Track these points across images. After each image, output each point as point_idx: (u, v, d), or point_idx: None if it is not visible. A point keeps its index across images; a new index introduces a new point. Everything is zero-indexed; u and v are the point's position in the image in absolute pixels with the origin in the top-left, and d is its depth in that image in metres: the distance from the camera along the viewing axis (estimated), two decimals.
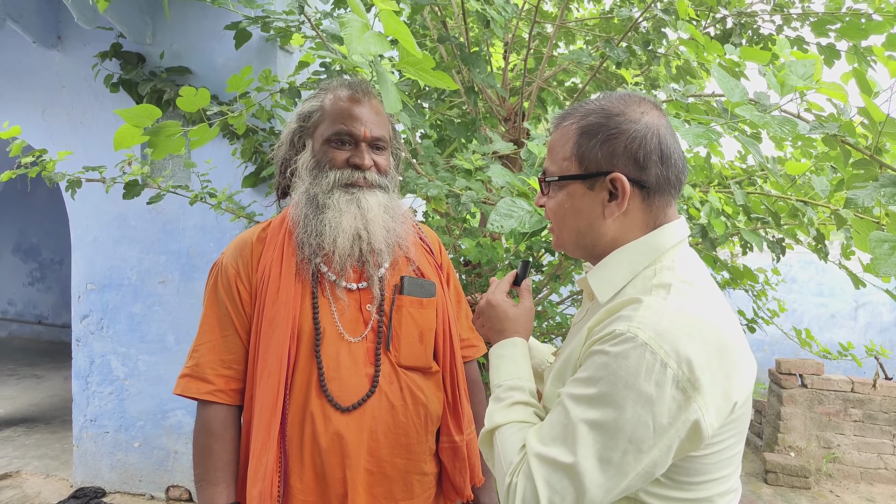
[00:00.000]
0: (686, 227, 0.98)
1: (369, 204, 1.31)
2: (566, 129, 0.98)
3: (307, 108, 1.36)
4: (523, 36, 3.18)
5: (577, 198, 0.96)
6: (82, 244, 3.51)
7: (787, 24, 2.79)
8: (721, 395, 0.83)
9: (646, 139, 0.92)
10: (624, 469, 0.81)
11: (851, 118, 1.43)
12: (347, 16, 1.01)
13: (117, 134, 1.59)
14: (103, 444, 3.54)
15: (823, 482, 4.68)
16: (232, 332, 1.32)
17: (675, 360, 0.80)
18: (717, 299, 0.91)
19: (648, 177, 0.93)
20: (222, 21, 2.96)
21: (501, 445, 0.95)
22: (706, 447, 0.86)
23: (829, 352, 3.16)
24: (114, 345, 3.48)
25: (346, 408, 1.27)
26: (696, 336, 0.82)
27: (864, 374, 5.72)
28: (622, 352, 0.82)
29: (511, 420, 0.98)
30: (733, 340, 0.86)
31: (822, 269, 7.12)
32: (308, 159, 1.34)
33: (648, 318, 0.83)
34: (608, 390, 0.82)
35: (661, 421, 0.80)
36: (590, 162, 0.94)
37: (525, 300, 1.17)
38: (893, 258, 1.06)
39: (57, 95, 3.46)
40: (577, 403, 0.84)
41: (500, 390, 1.04)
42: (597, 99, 0.98)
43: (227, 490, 1.28)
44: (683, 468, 0.87)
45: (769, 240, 2.32)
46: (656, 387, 0.80)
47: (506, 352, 1.09)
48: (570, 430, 0.84)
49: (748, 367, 0.89)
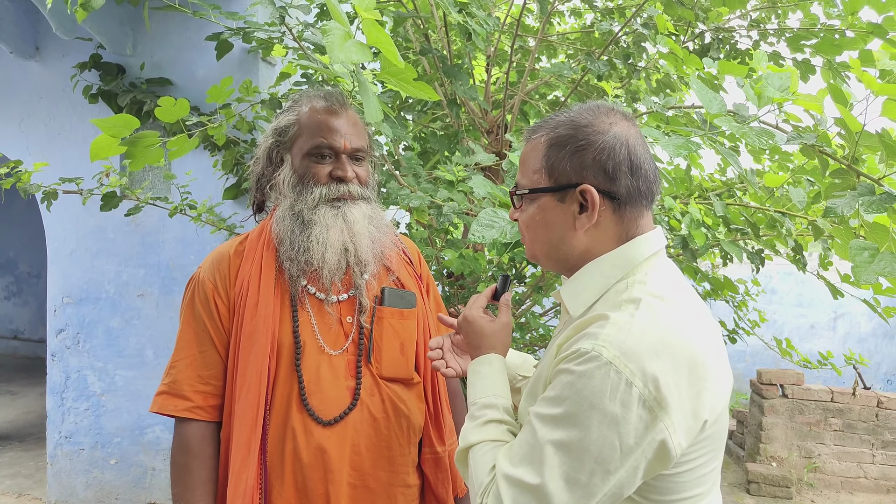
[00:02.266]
0: (662, 238, 0.97)
1: (355, 217, 1.30)
2: (536, 142, 0.98)
3: (283, 123, 1.33)
4: (505, 49, 3.20)
5: (548, 210, 0.96)
6: (59, 257, 3.45)
7: (764, 40, 2.84)
8: (690, 413, 0.82)
9: (614, 150, 0.91)
10: (591, 490, 0.81)
11: (829, 129, 1.45)
12: (330, 24, 1.01)
13: (94, 144, 1.57)
14: (78, 462, 3.46)
15: (805, 492, 4.70)
16: (210, 348, 1.30)
17: (640, 378, 0.79)
18: (692, 312, 0.90)
19: (618, 188, 0.92)
20: (204, 32, 2.95)
21: (474, 465, 0.95)
22: (678, 465, 0.85)
23: (810, 361, 3.19)
24: (90, 359, 3.42)
25: (328, 421, 1.25)
26: (663, 353, 0.81)
27: (844, 384, 5.78)
28: (586, 371, 0.81)
29: (483, 439, 0.97)
30: (705, 356, 0.85)
31: (801, 280, 7.22)
32: (289, 175, 1.32)
33: (614, 335, 0.82)
34: (573, 410, 0.81)
35: (628, 441, 0.79)
36: (559, 174, 0.94)
37: (503, 315, 1.15)
38: (873, 266, 1.08)
39: (34, 106, 3.41)
40: (544, 424, 0.84)
41: (475, 408, 1.03)
42: (567, 111, 0.98)
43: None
44: (657, 487, 0.86)
45: (749, 251, 2.34)
46: (622, 406, 0.79)
47: (481, 368, 1.08)
48: (537, 451, 0.84)
49: (722, 383, 0.88)
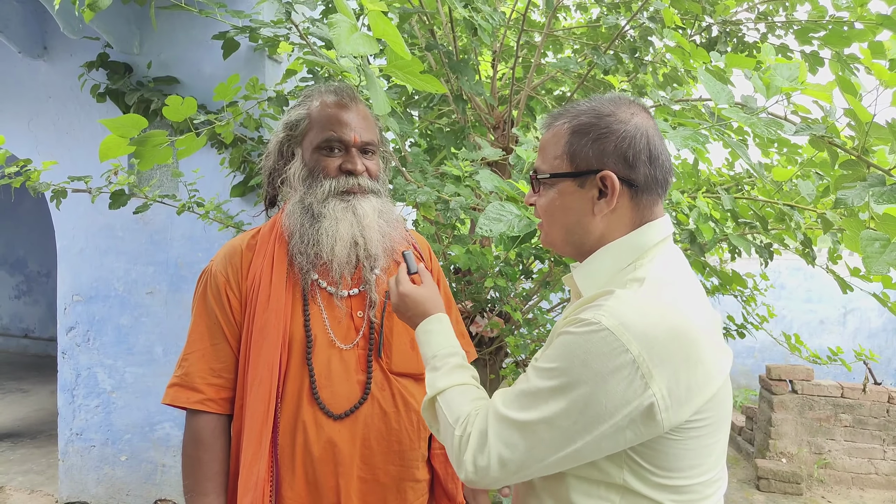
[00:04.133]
0: (670, 225, 1.01)
1: (364, 210, 1.30)
2: (558, 129, 1.01)
3: (294, 117, 1.34)
4: (511, 45, 3.20)
5: (567, 195, 0.99)
6: (68, 255, 3.47)
7: (772, 32, 2.82)
8: (684, 385, 0.86)
9: (635, 139, 0.95)
10: (571, 437, 0.87)
11: (837, 120, 1.44)
12: (336, 17, 1.01)
13: (103, 144, 1.57)
14: (89, 458, 3.49)
15: (815, 488, 4.68)
16: (222, 341, 1.30)
17: (635, 346, 0.84)
18: (693, 296, 0.94)
19: (637, 175, 0.96)
20: (210, 31, 2.96)
21: (446, 407, 1.02)
22: (679, 432, 0.88)
23: (819, 357, 3.17)
24: (100, 357, 3.44)
25: (339, 415, 1.26)
26: (660, 326, 0.85)
27: (854, 380, 5.75)
28: (584, 333, 0.86)
29: (454, 383, 1.04)
30: (701, 336, 0.89)
31: (810, 275, 7.17)
32: (299, 168, 1.32)
33: (616, 307, 0.87)
34: (566, 366, 0.87)
35: (614, 401, 0.84)
36: (581, 160, 0.97)
37: (429, 282, 1.22)
38: (885, 256, 1.07)
39: (43, 106, 3.43)
40: (538, 374, 0.91)
41: (437, 360, 1.10)
42: (588, 101, 1.01)
43: (216, 501, 1.26)
44: (661, 453, 0.89)
45: (757, 244, 2.33)
46: (614, 369, 0.84)
47: (432, 327, 1.15)
48: (528, 396, 0.90)
49: (719, 359, 0.92)
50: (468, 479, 0.94)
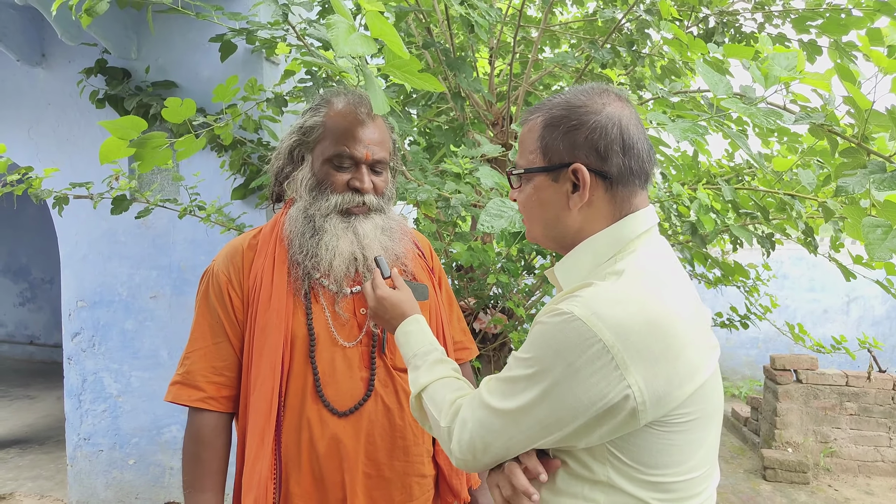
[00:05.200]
0: (654, 216, 0.99)
1: (365, 230, 1.31)
2: (532, 124, 1.00)
3: (309, 123, 1.33)
4: (508, 41, 3.19)
5: (543, 190, 0.99)
6: (71, 261, 3.48)
7: (769, 22, 2.82)
8: (663, 377, 0.84)
9: (606, 129, 0.93)
10: (548, 426, 0.88)
11: (837, 108, 1.44)
12: (334, 18, 1.01)
13: (103, 147, 1.57)
14: (98, 463, 3.50)
15: (822, 476, 4.68)
16: (224, 340, 1.31)
17: (608, 335, 0.83)
18: (677, 289, 0.92)
19: (610, 167, 0.94)
20: (207, 34, 2.96)
21: (430, 401, 1.05)
22: (663, 424, 0.86)
23: (823, 346, 3.17)
24: (106, 362, 3.45)
25: (343, 412, 1.27)
26: (637, 316, 0.84)
27: (858, 368, 5.74)
28: (557, 323, 0.86)
29: (435, 378, 1.07)
30: (683, 328, 0.87)
31: (812, 264, 7.17)
32: (307, 176, 1.33)
33: (590, 298, 0.86)
34: (540, 355, 0.88)
35: (588, 392, 0.84)
36: (553, 154, 0.96)
37: (401, 285, 1.25)
38: (887, 243, 1.07)
39: (42, 113, 3.44)
40: (517, 363, 0.92)
41: (417, 358, 1.13)
42: (564, 93, 1.01)
43: (215, 498, 1.28)
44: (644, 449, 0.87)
45: (759, 235, 2.33)
46: (586, 360, 0.83)
47: (410, 328, 1.17)
48: (508, 384, 0.92)
49: (702, 356, 0.89)
50: (459, 465, 0.98)
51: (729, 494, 4.32)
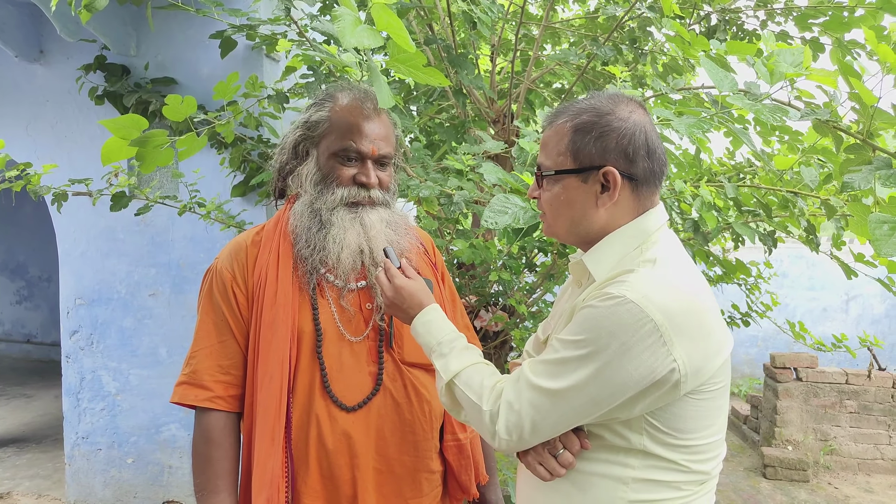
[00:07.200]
0: (665, 212, 1.10)
1: (371, 221, 1.31)
2: (560, 127, 1.07)
3: (314, 118, 1.32)
4: (509, 38, 3.18)
5: (572, 190, 1.06)
6: (70, 259, 3.46)
7: (771, 20, 2.81)
8: (701, 353, 0.95)
9: (634, 136, 1.03)
10: (599, 402, 0.95)
11: (842, 104, 1.44)
12: (339, 10, 1.00)
13: (104, 148, 1.55)
14: (96, 462, 3.49)
15: (822, 474, 4.69)
16: (229, 338, 1.30)
17: (659, 316, 0.92)
18: (694, 274, 1.04)
19: (637, 170, 1.03)
20: (207, 30, 2.94)
21: (467, 387, 1.07)
22: (698, 393, 0.97)
23: (823, 344, 3.16)
24: (104, 360, 3.43)
25: (352, 407, 1.26)
26: (677, 300, 0.95)
27: (858, 366, 5.75)
28: (611, 306, 0.94)
29: (467, 364, 1.10)
30: (710, 310, 1.00)
31: (812, 262, 7.17)
32: (312, 171, 1.32)
33: (638, 282, 0.95)
34: (594, 336, 0.94)
35: (640, 367, 0.92)
36: (584, 157, 1.04)
37: (413, 274, 1.25)
38: (894, 238, 1.07)
39: (41, 109, 3.42)
40: (565, 346, 0.98)
41: (443, 346, 1.14)
42: (587, 98, 1.08)
43: (229, 498, 1.26)
44: (679, 417, 0.98)
45: (761, 232, 2.32)
46: (639, 338, 0.92)
47: (431, 316, 1.19)
48: (557, 365, 0.97)
49: (724, 335, 1.02)
50: (502, 447, 1.02)
51: (729, 492, 4.32)
